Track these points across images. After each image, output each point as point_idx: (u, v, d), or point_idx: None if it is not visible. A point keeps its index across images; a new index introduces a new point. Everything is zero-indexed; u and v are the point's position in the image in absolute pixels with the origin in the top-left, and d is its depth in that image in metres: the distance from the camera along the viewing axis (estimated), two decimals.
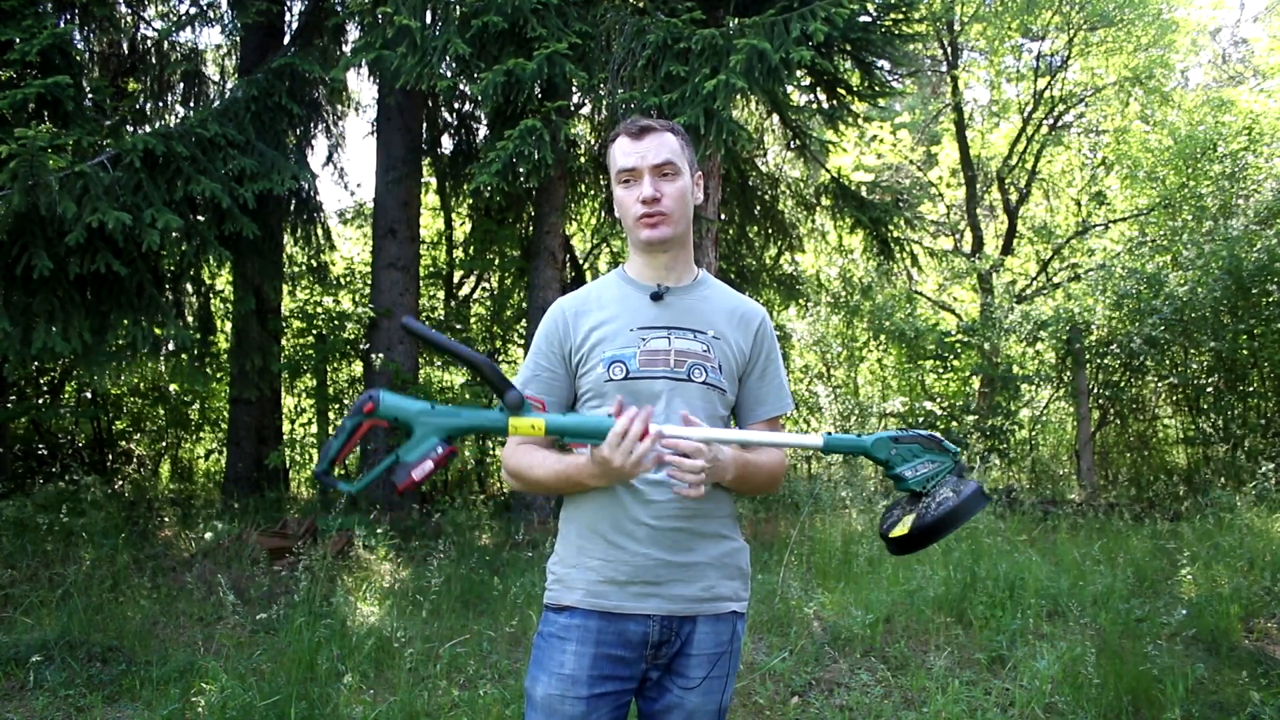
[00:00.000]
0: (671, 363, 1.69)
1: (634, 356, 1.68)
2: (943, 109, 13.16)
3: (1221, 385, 8.74)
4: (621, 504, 1.66)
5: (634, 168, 1.69)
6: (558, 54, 5.57)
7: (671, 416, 1.64)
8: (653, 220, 1.69)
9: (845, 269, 11.18)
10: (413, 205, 7.86)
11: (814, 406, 10.78)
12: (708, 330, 1.74)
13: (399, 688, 3.47)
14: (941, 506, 1.45)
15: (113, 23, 7.83)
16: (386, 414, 1.48)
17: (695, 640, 1.69)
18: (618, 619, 1.66)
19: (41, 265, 5.07)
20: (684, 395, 1.68)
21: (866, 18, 6.78)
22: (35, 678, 3.62)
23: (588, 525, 1.70)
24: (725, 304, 1.80)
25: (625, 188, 1.72)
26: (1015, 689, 3.49)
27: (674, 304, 1.74)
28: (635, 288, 1.77)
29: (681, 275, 1.78)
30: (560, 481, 1.65)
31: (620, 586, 1.66)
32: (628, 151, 1.70)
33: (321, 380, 9.18)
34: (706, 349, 1.72)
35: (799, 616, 4.38)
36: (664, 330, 1.71)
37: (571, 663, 1.65)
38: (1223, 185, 9.13)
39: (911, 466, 1.52)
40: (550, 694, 1.65)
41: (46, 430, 9.25)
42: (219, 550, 5.67)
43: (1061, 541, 5.55)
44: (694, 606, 1.68)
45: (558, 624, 1.69)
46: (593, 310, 1.75)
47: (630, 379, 1.68)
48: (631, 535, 1.66)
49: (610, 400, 1.65)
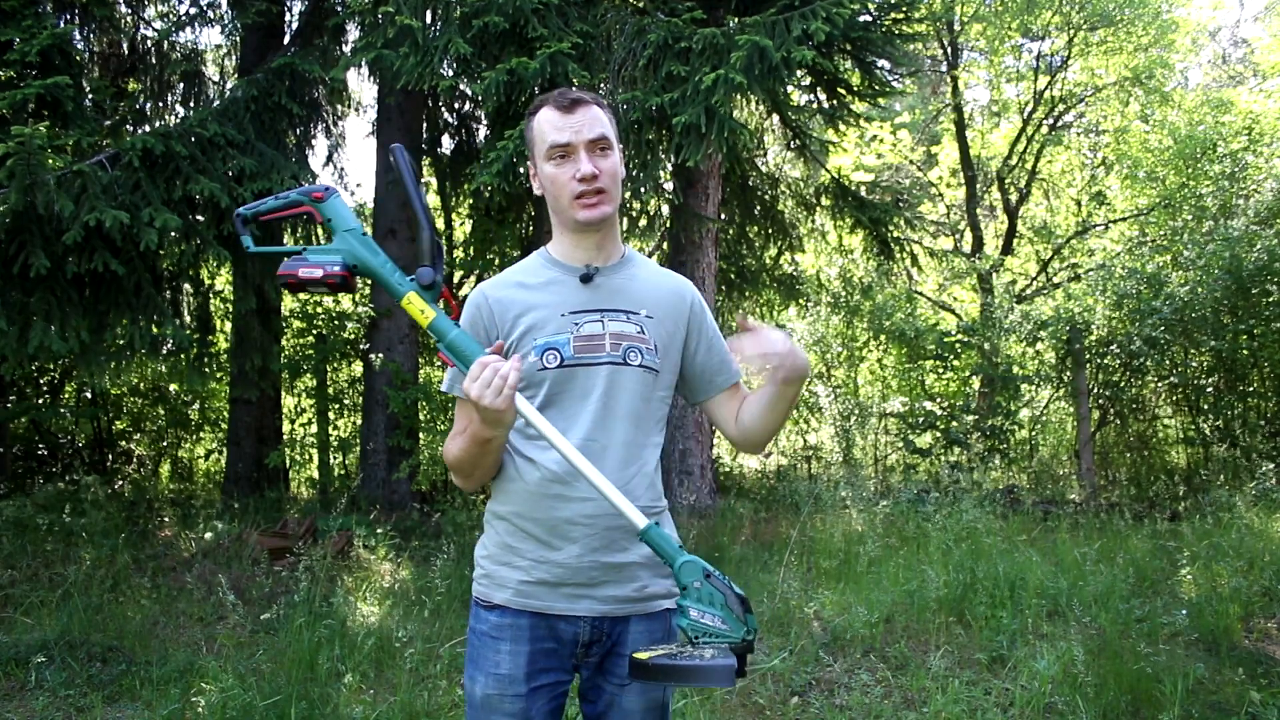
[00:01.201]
0: (608, 346, 1.62)
1: (568, 343, 1.61)
2: (943, 109, 13.16)
3: (1221, 385, 8.74)
4: (554, 502, 1.61)
5: (568, 143, 1.59)
6: (560, 54, 5.57)
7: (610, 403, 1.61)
8: (592, 200, 1.60)
9: (845, 269, 11.18)
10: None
11: (814, 406, 10.78)
12: (640, 310, 1.67)
13: (399, 688, 3.46)
14: (691, 660, 1.35)
15: (113, 23, 7.83)
16: (326, 212, 1.51)
17: (628, 639, 1.65)
18: (549, 618, 1.64)
19: (39, 264, 5.07)
20: (622, 379, 1.62)
21: (867, 17, 6.78)
22: (35, 678, 3.62)
23: (518, 522, 1.65)
24: (655, 281, 1.73)
25: (557, 164, 1.61)
26: (1015, 689, 3.49)
27: (604, 285, 1.67)
28: (563, 270, 1.68)
29: (610, 254, 1.70)
30: (470, 443, 1.58)
31: (551, 588, 1.62)
32: (559, 126, 1.60)
33: (321, 380, 9.17)
34: (640, 330, 1.65)
35: (799, 616, 4.37)
36: (597, 313, 1.64)
37: (507, 662, 1.62)
38: (1223, 185, 9.13)
39: (701, 609, 1.39)
40: (489, 694, 1.63)
41: (46, 430, 9.25)
42: (219, 550, 5.67)
43: (1062, 541, 5.55)
44: (626, 607, 1.64)
45: (489, 622, 1.66)
46: (518, 294, 1.66)
47: (566, 366, 1.61)
48: (565, 535, 1.61)
49: (543, 389, 1.61)
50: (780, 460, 10.65)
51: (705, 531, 6.13)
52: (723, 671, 1.33)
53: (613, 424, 1.62)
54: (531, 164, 1.69)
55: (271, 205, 1.55)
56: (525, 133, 1.70)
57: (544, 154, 1.62)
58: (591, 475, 1.47)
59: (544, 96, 1.66)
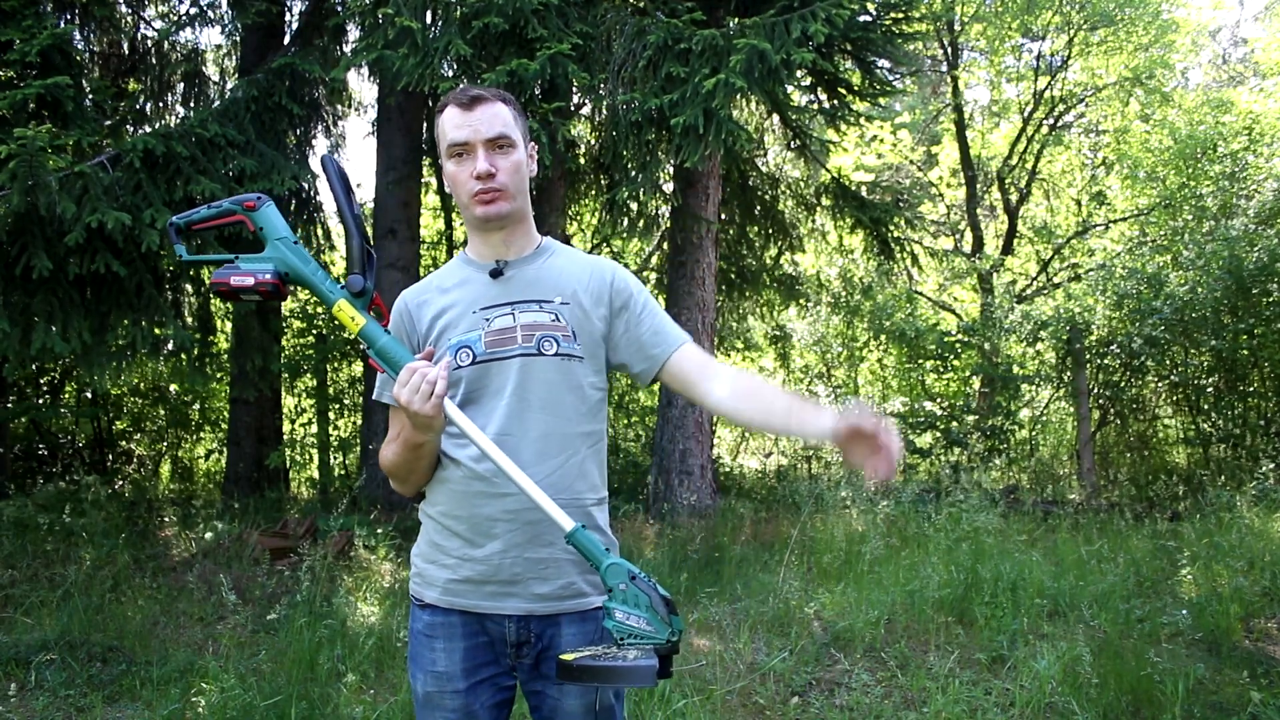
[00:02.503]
0: (519, 339, 1.61)
1: (479, 339, 1.61)
2: (943, 109, 13.16)
3: (1222, 385, 8.74)
4: (477, 499, 1.60)
5: (466, 141, 1.59)
6: (560, 55, 5.58)
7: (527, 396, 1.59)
8: (488, 196, 1.60)
9: (845, 269, 11.18)
10: (413, 206, 7.86)
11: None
12: (554, 298, 1.65)
13: (400, 688, 3.47)
14: (614, 661, 1.38)
15: (113, 23, 7.83)
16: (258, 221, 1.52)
17: (561, 642, 1.63)
18: (478, 616, 1.64)
19: (41, 265, 5.07)
20: (536, 370, 1.61)
21: (867, 18, 6.78)
22: (36, 678, 3.62)
23: (444, 521, 1.65)
24: (572, 267, 1.70)
25: (457, 162, 1.61)
26: (1015, 689, 3.49)
27: (515, 277, 1.66)
28: (475, 268, 1.69)
29: (522, 248, 1.69)
30: (404, 448, 1.59)
31: (476, 586, 1.62)
32: (459, 124, 1.60)
33: (321, 380, 9.18)
34: (555, 317, 1.63)
35: (799, 616, 4.37)
36: (507, 306, 1.63)
37: (443, 660, 1.64)
38: (1223, 185, 9.12)
39: (626, 611, 1.40)
40: (429, 691, 1.65)
41: (47, 430, 9.25)
42: (219, 550, 5.67)
43: (1062, 541, 5.55)
44: (555, 605, 1.62)
45: (423, 620, 1.67)
46: (435, 298, 1.67)
47: (479, 363, 1.60)
48: (488, 533, 1.60)
49: (459, 388, 1.61)
50: (780, 460, 10.65)
51: (705, 531, 6.13)
52: (644, 672, 1.36)
53: (529, 416, 1.60)
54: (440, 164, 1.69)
55: (205, 214, 1.56)
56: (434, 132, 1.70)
57: (446, 151, 1.63)
58: (515, 474, 1.48)
59: (448, 94, 1.65)
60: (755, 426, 1.71)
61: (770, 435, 1.82)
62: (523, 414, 1.60)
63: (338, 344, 8.68)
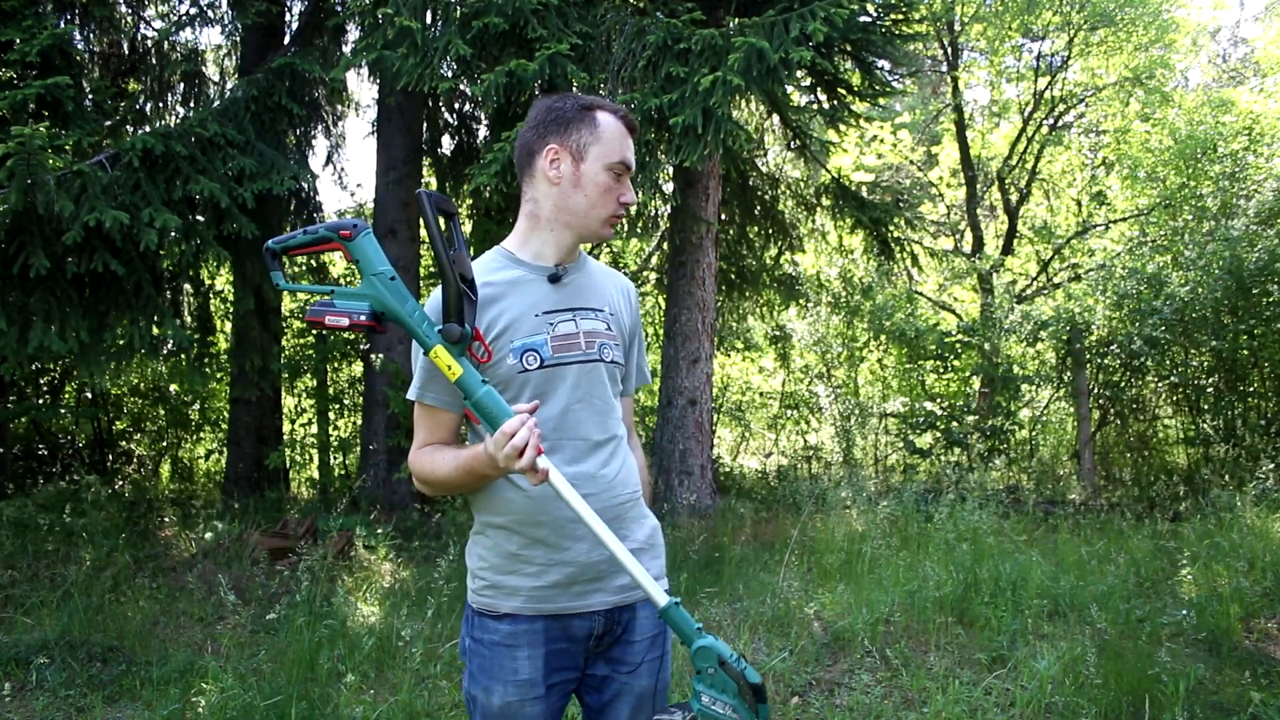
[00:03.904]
0: (582, 344, 1.64)
1: (546, 343, 1.62)
2: (943, 109, 13.15)
3: (1222, 385, 8.73)
4: (555, 502, 1.59)
5: (629, 166, 1.65)
6: (559, 55, 5.57)
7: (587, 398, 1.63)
8: (618, 224, 1.68)
9: (845, 269, 11.18)
10: (413, 206, 7.86)
11: (814, 407, 10.78)
12: (604, 307, 1.71)
13: (400, 688, 3.46)
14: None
15: (113, 23, 7.83)
16: (354, 252, 1.48)
17: (636, 626, 1.69)
18: (564, 619, 1.65)
19: (39, 264, 5.07)
20: (596, 376, 1.65)
21: (866, 18, 6.78)
22: (35, 678, 3.62)
23: (522, 530, 1.63)
24: (608, 278, 1.77)
25: (611, 177, 1.63)
26: (1015, 689, 3.49)
27: (571, 284, 1.68)
28: (528, 269, 1.67)
29: (575, 255, 1.73)
30: (463, 474, 1.57)
31: (564, 589, 1.64)
32: (626, 145, 1.65)
33: (321, 380, 9.18)
34: (608, 326, 1.69)
35: (799, 616, 4.37)
36: (569, 312, 1.65)
37: (527, 668, 1.63)
38: (1223, 185, 9.12)
39: (712, 696, 1.38)
40: (509, 701, 1.63)
41: (47, 430, 9.25)
42: (219, 550, 5.67)
43: (1063, 541, 5.55)
44: (633, 595, 1.68)
45: (502, 631, 1.64)
46: (486, 293, 1.63)
47: (546, 366, 1.61)
48: (571, 534, 1.62)
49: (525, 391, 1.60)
50: (780, 460, 10.65)
51: (705, 532, 6.13)
52: None
53: (595, 420, 1.66)
54: (567, 152, 1.62)
55: (300, 240, 1.54)
56: (572, 119, 1.63)
57: (604, 160, 1.62)
58: (606, 538, 1.47)
59: (605, 103, 1.65)
60: None
61: None
62: (590, 417, 1.65)
63: (338, 344, 8.68)
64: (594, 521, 1.47)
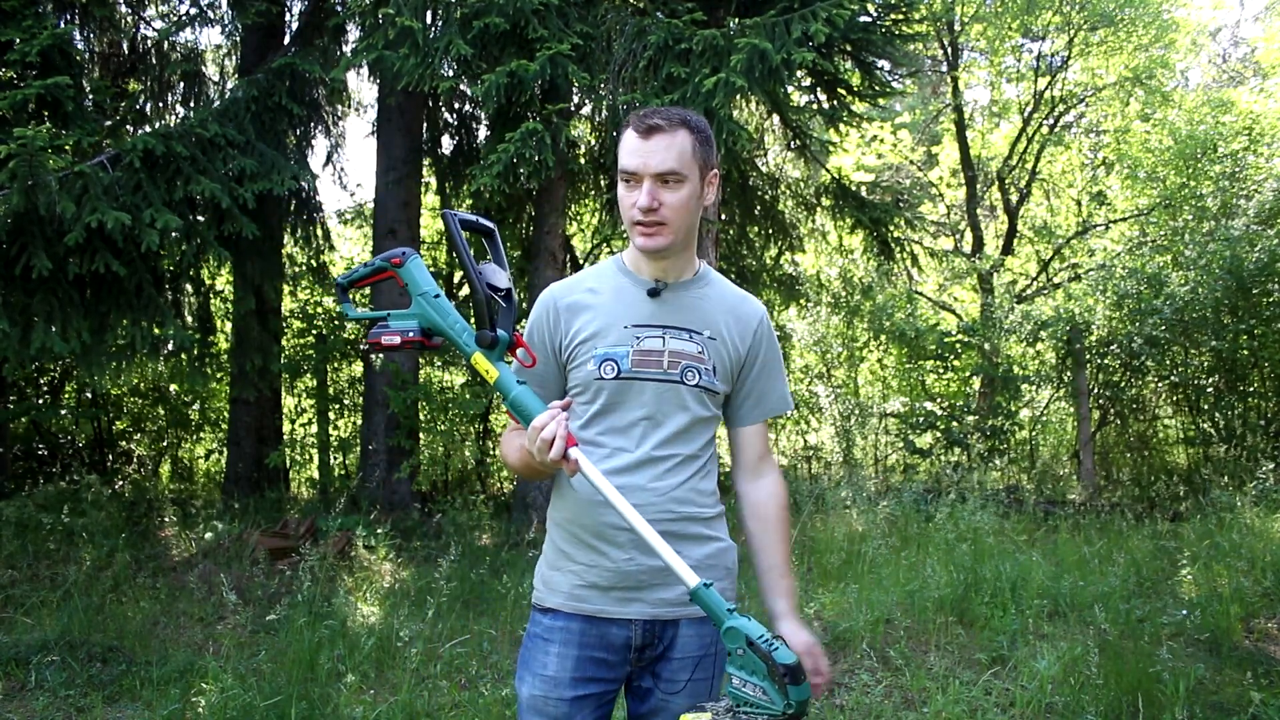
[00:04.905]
0: (665, 364, 1.64)
1: (627, 355, 1.63)
2: (943, 109, 13.15)
3: (1222, 385, 8.73)
4: (600, 509, 1.61)
5: (635, 171, 1.59)
6: (560, 55, 5.57)
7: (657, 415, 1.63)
8: (650, 230, 1.61)
9: (845, 269, 11.17)
10: (413, 206, 7.86)
11: (814, 407, 10.78)
12: (704, 330, 1.68)
13: (400, 688, 3.46)
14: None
15: (113, 23, 7.83)
16: (404, 277, 1.62)
17: (678, 644, 1.67)
18: (600, 622, 1.65)
19: (40, 265, 5.07)
20: (675, 397, 1.65)
21: (867, 18, 6.78)
22: (36, 678, 3.62)
23: (570, 529, 1.68)
24: (724, 302, 1.73)
25: (626, 187, 1.62)
26: (1015, 689, 3.49)
27: (671, 301, 1.68)
28: (632, 281, 1.70)
29: (681, 272, 1.70)
30: (522, 461, 1.62)
31: (602, 592, 1.65)
32: (632, 150, 1.59)
33: (321, 380, 9.17)
34: (701, 350, 1.66)
35: (799, 616, 4.37)
36: (659, 329, 1.66)
37: (554, 664, 1.65)
38: (1223, 185, 9.12)
39: (742, 678, 1.36)
40: (534, 694, 1.65)
41: (47, 430, 9.25)
42: (219, 550, 5.67)
43: (1063, 541, 5.55)
44: (676, 610, 1.65)
45: (542, 625, 1.69)
46: (585, 302, 1.69)
47: (621, 378, 1.63)
48: (613, 541, 1.63)
49: (599, 398, 1.65)
50: (780, 460, 10.65)
51: None
52: None
53: (661, 437, 1.65)
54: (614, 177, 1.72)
55: (362, 273, 1.68)
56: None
57: (620, 172, 1.64)
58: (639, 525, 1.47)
59: (632, 114, 1.65)
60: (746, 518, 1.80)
61: None
62: (655, 435, 1.65)
63: (338, 344, 8.68)
64: (625, 508, 1.46)
